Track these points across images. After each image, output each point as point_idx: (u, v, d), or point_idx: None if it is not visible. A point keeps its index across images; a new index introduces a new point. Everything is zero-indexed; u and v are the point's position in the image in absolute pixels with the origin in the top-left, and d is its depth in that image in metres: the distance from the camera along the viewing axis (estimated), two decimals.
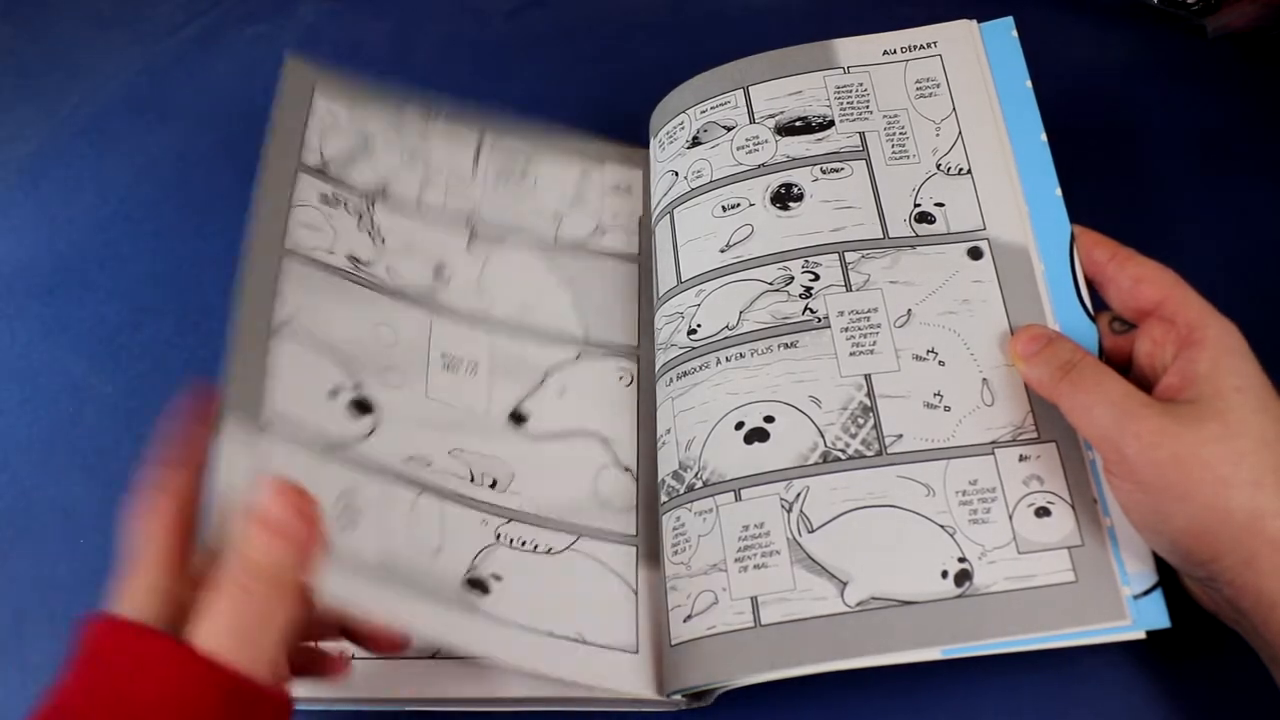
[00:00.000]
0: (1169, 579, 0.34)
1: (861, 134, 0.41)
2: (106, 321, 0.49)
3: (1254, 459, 0.31)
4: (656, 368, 0.42)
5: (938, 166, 0.40)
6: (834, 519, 0.35)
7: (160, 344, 0.48)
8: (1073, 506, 0.35)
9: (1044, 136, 0.40)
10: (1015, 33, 0.42)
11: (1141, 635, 0.33)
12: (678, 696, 0.37)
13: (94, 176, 0.53)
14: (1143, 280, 0.35)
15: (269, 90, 0.55)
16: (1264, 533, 0.30)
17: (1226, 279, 0.44)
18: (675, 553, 0.38)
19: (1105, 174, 0.47)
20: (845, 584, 0.35)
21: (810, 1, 0.55)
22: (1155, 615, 0.33)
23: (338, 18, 0.58)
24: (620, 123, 0.49)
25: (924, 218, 0.39)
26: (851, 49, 0.43)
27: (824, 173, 0.41)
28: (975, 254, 0.39)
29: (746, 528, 0.36)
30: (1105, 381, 0.33)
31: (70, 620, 0.31)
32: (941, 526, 0.35)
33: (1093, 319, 0.37)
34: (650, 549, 0.40)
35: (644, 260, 0.45)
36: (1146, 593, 0.34)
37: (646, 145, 0.47)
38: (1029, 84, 0.41)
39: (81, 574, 0.43)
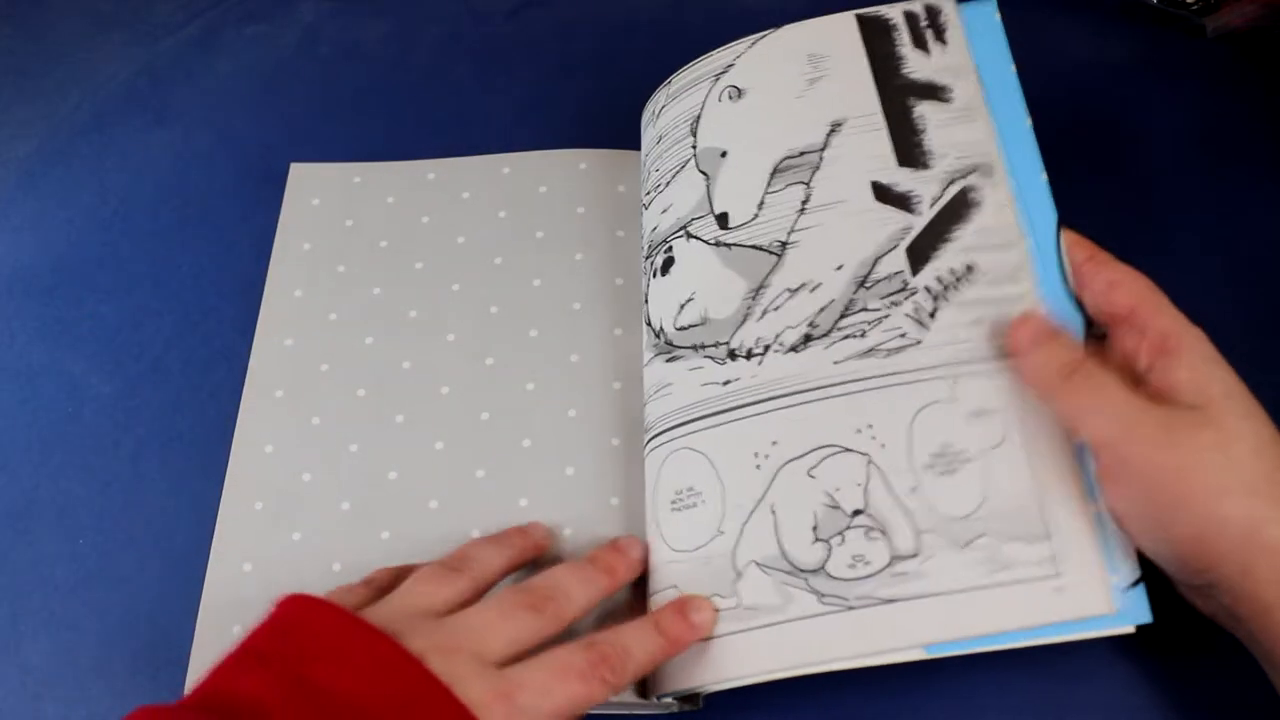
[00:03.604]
0: (1158, 579, 0.34)
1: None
2: (106, 321, 0.49)
3: (1249, 466, 0.31)
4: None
5: None
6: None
7: (160, 344, 0.48)
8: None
9: (1029, 121, 0.39)
10: (998, 15, 0.41)
11: (1130, 630, 0.33)
12: (668, 699, 0.37)
13: (94, 176, 0.53)
14: (1117, 285, 0.35)
15: (269, 90, 0.55)
16: (1261, 541, 0.30)
17: (1226, 279, 0.44)
18: (656, 566, 0.38)
19: (1105, 174, 0.47)
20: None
21: (810, 2, 0.55)
22: (1139, 610, 0.33)
23: (338, 18, 0.58)
24: (620, 123, 0.49)
25: None
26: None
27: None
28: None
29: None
30: (1108, 386, 0.33)
31: (69, 620, 0.31)
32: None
33: (1078, 305, 0.36)
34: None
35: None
36: (1132, 585, 0.33)
37: (639, 147, 0.47)
38: (1013, 68, 0.40)
39: (81, 574, 0.43)
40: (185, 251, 0.50)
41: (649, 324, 0.42)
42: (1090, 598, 0.33)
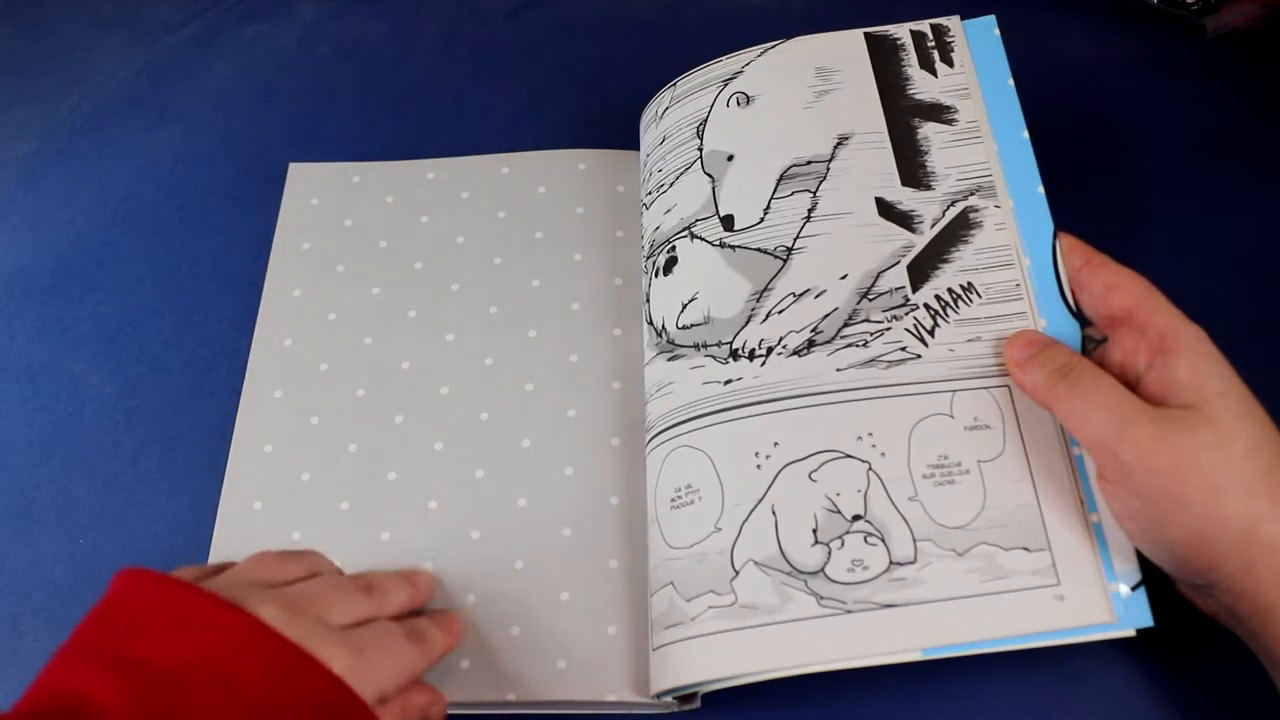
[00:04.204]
0: (1158, 578, 0.34)
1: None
2: (106, 321, 0.49)
3: (1246, 465, 0.31)
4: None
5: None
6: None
7: (160, 344, 0.48)
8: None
9: (1026, 134, 0.40)
10: (997, 30, 0.42)
11: (1131, 633, 0.33)
12: (667, 699, 0.37)
13: (93, 176, 0.53)
14: (1115, 288, 0.35)
15: (268, 90, 0.55)
16: (1260, 539, 0.30)
17: (1226, 279, 0.44)
18: (655, 564, 0.38)
19: (1105, 174, 0.47)
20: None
21: (810, 2, 0.55)
22: (1140, 614, 0.33)
23: (337, 18, 0.58)
24: (619, 124, 0.49)
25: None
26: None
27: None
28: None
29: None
30: (1103, 386, 0.33)
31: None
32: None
33: (1075, 316, 0.37)
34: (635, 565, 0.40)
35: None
36: (1132, 590, 0.33)
37: (638, 148, 0.47)
38: (1011, 82, 0.41)
39: (81, 574, 0.43)
40: (185, 251, 0.50)
41: (650, 323, 0.42)
42: (1090, 606, 0.33)
